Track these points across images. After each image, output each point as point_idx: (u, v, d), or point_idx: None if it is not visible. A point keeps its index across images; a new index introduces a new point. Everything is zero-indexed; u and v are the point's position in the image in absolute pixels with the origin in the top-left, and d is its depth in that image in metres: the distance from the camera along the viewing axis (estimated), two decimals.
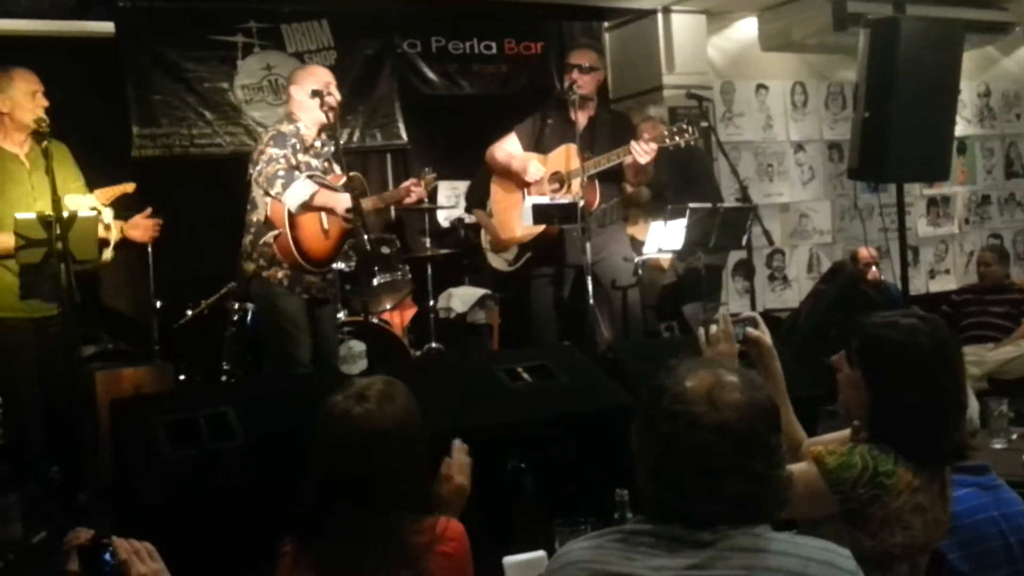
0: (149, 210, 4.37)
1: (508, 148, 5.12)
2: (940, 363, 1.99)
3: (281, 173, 4.16)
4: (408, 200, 4.65)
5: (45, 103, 4.05)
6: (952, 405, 1.98)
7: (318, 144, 4.46)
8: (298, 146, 4.31)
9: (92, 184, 4.35)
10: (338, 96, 4.42)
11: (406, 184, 4.66)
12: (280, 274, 4.31)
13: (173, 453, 2.88)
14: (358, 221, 4.20)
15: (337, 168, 4.51)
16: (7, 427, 4.20)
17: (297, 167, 4.27)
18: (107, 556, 1.74)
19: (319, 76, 4.45)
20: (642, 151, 4.66)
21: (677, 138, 4.74)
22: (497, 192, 5.23)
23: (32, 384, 4.02)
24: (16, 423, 4.11)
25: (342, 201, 4.24)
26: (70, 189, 4.05)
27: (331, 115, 4.36)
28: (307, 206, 4.21)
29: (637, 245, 5.34)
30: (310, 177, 4.26)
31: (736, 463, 1.42)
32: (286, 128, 4.33)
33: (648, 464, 1.47)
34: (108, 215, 4.20)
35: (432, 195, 6.43)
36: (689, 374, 1.49)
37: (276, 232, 4.25)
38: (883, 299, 6.05)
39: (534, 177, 4.98)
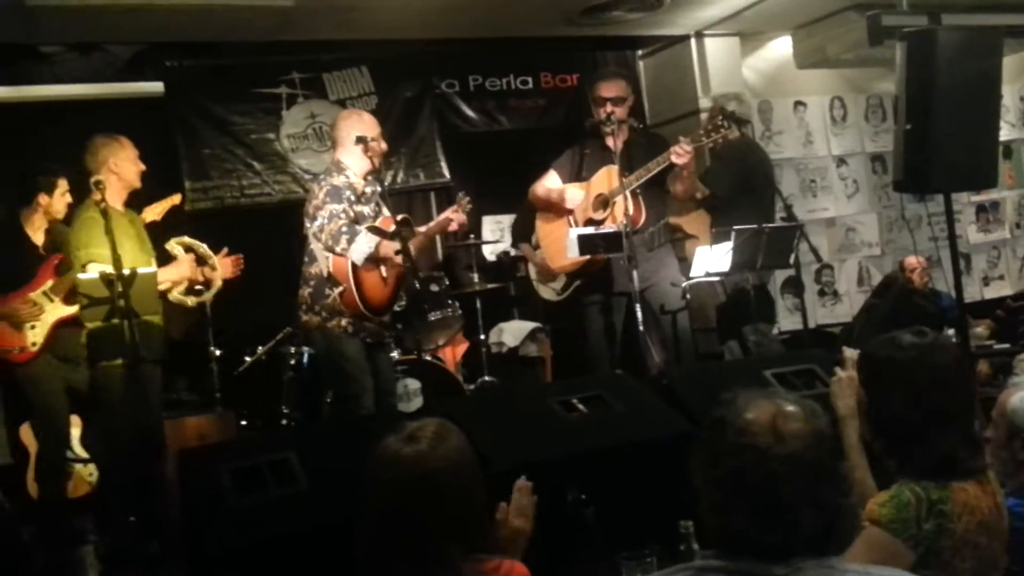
0: (226, 250, 4.55)
1: (548, 184, 5.18)
2: (929, 376, 2.00)
3: (345, 229, 4.26)
4: (451, 228, 4.68)
5: (143, 167, 4.36)
6: (939, 417, 1.99)
7: (368, 190, 4.55)
8: (352, 198, 4.40)
9: (154, 244, 4.51)
10: (384, 145, 4.51)
11: (445, 214, 4.70)
12: (344, 322, 4.40)
13: (239, 500, 2.92)
14: (407, 262, 4.27)
15: (386, 210, 4.59)
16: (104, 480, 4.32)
17: (356, 220, 4.36)
18: None
19: (365, 123, 4.53)
20: (680, 152, 4.68)
21: (714, 135, 4.75)
22: (543, 227, 5.28)
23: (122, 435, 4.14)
24: (115, 475, 4.24)
25: (394, 247, 4.31)
26: (143, 259, 4.24)
27: (376, 161, 4.46)
28: (371, 258, 4.30)
29: (688, 248, 5.31)
30: (369, 229, 4.35)
31: (807, 492, 1.42)
32: (338, 181, 4.40)
33: (716, 499, 1.48)
34: (212, 258, 4.38)
35: (477, 230, 6.52)
36: (749, 406, 1.49)
37: (341, 288, 4.34)
38: (936, 309, 5.98)
39: (574, 203, 5.02)
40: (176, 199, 4.73)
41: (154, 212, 4.64)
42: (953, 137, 4.41)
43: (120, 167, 4.30)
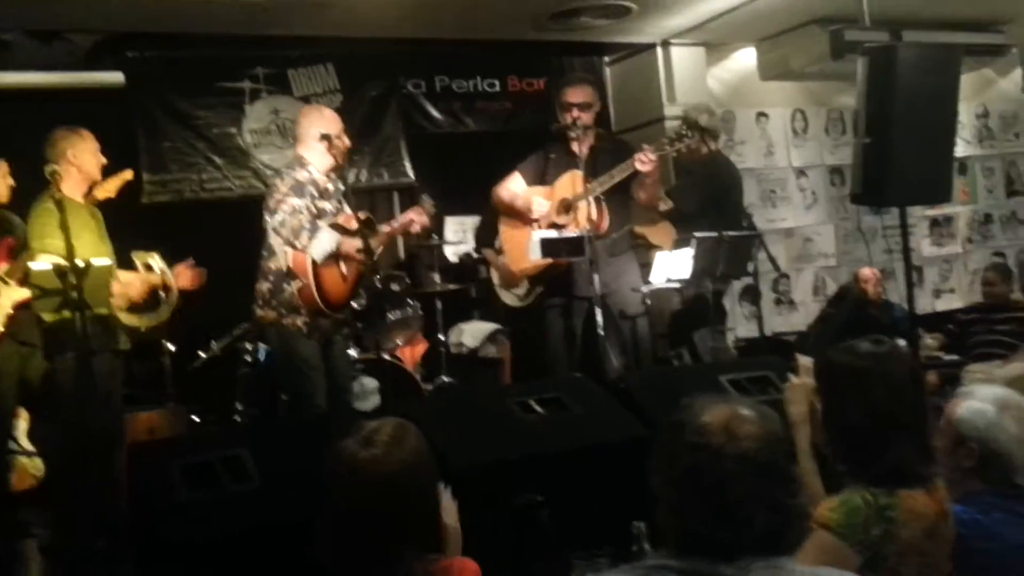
0: (191, 260, 4.47)
1: (512, 187, 5.18)
2: (884, 385, 2.04)
3: (307, 225, 4.24)
4: (413, 230, 4.66)
5: (104, 161, 4.29)
6: (893, 425, 2.03)
7: (330, 187, 4.52)
8: (315, 193, 4.38)
9: (108, 235, 4.44)
10: (347, 142, 4.49)
11: (408, 215, 4.67)
12: (299, 321, 4.37)
13: (190, 496, 2.90)
14: (369, 261, 4.25)
15: (347, 208, 4.57)
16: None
17: (318, 215, 4.34)
18: None
19: (327, 119, 4.51)
20: (644, 159, 4.72)
21: (677, 143, 4.79)
22: (506, 230, 5.28)
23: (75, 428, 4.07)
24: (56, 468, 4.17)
25: (356, 246, 4.29)
26: (102, 252, 4.17)
27: (339, 158, 4.44)
28: (331, 256, 4.27)
29: (651, 254, 5.35)
30: (331, 226, 4.32)
31: (757, 492, 1.45)
32: (301, 176, 4.38)
33: (671, 498, 1.50)
34: (166, 271, 4.29)
35: (439, 231, 6.51)
36: (705, 409, 1.52)
37: (300, 284, 4.31)
38: (889, 320, 6.08)
39: (539, 212, 5.03)
40: (128, 175, 4.63)
41: (105, 189, 4.56)
42: (910, 152, 4.49)
43: (79, 159, 4.23)
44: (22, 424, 4.78)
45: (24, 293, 3.96)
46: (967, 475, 2.21)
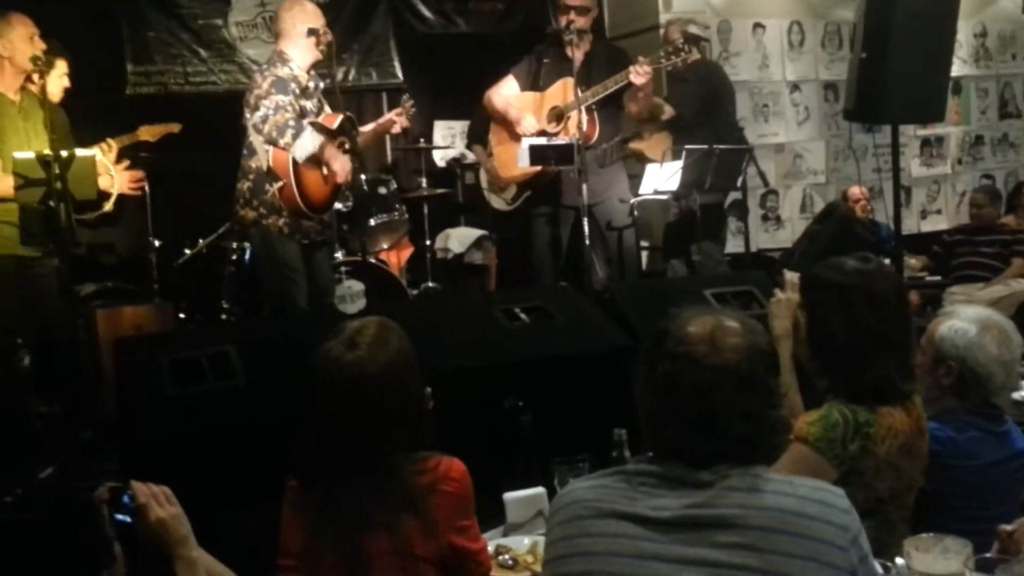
0: (127, 162, 4.43)
1: (505, 92, 5.10)
2: (870, 302, 2.06)
3: (292, 123, 4.14)
4: (393, 130, 4.62)
5: (43, 46, 4.02)
6: (877, 342, 2.05)
7: (311, 84, 4.43)
8: (297, 91, 4.29)
9: (91, 126, 4.36)
10: (330, 36, 4.37)
11: (388, 116, 4.62)
12: (280, 222, 4.33)
13: (176, 391, 2.92)
14: (355, 161, 4.20)
15: (328, 108, 4.49)
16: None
17: (300, 115, 4.26)
18: (125, 499, 1.76)
19: (310, 13, 4.37)
20: (639, 71, 4.66)
21: (674, 58, 4.72)
22: (496, 133, 5.23)
23: (15, 325, 4.04)
24: None
25: (340, 162, 4.21)
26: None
27: (324, 53, 4.34)
28: (313, 159, 4.20)
29: (642, 165, 5.33)
30: (312, 125, 4.25)
31: (736, 403, 1.47)
32: (283, 72, 4.28)
33: (650, 405, 1.53)
34: (108, 164, 4.21)
35: (428, 134, 6.44)
36: (692, 319, 1.53)
37: (281, 183, 4.25)
38: (875, 239, 6.11)
39: (527, 131, 4.96)
40: (175, 127, 4.61)
41: (150, 133, 4.50)
42: (906, 69, 4.45)
43: (9, 48, 3.97)
44: None
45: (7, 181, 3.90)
46: (945, 393, 2.25)
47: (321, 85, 4.50)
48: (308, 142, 4.17)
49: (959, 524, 1.82)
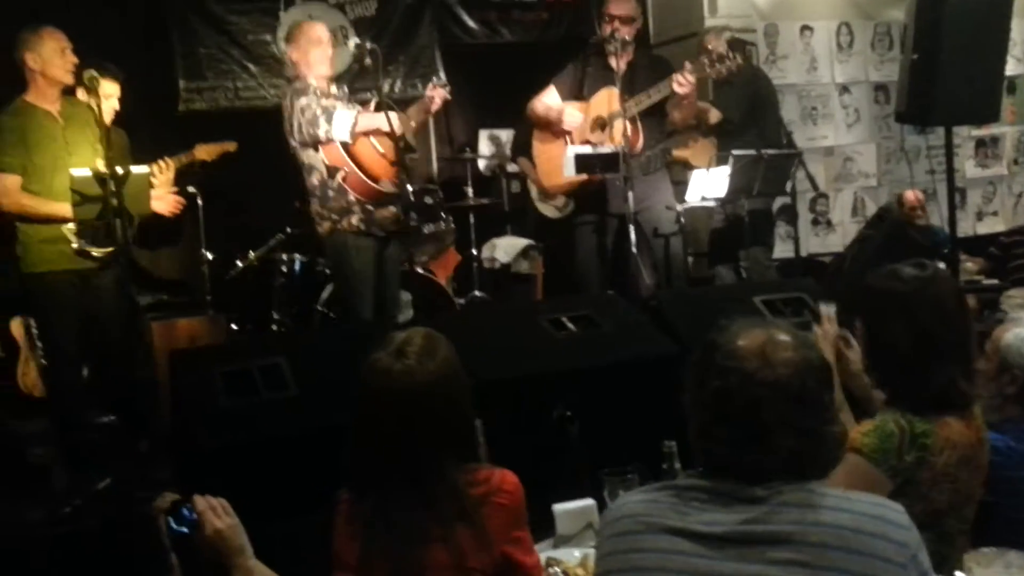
0: (175, 189, 4.54)
1: (547, 101, 5.11)
2: (930, 309, 2.02)
3: (319, 112, 4.25)
4: (435, 106, 4.56)
5: (75, 60, 4.05)
6: (939, 349, 2.01)
7: (334, 90, 4.53)
8: (318, 92, 4.39)
9: (144, 142, 4.45)
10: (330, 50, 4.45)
11: (426, 95, 4.53)
12: (355, 220, 4.41)
13: (229, 402, 2.96)
14: (406, 144, 4.28)
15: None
16: (49, 380, 4.32)
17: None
18: (185, 511, 1.81)
19: (316, 28, 4.50)
20: (682, 81, 4.64)
21: (718, 65, 4.68)
22: (539, 144, 5.22)
23: (75, 337, 4.12)
24: (59, 375, 4.23)
25: (381, 119, 4.27)
26: (69, 163, 4.03)
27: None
28: (354, 132, 4.28)
29: (687, 172, 5.29)
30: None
31: (788, 418, 1.44)
32: (299, 85, 4.41)
33: (701, 420, 1.50)
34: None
35: (473, 144, 6.47)
36: (742, 332, 1.50)
37: (343, 173, 4.32)
38: (929, 243, 6.00)
39: (571, 124, 4.96)
40: (231, 146, 4.73)
41: (207, 152, 4.60)
42: (959, 70, 4.37)
43: (40, 62, 3.99)
44: None
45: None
46: (1008, 402, 2.20)
47: (346, 91, 4.60)
48: (343, 117, 4.26)
49: (1022, 538, 1.77)
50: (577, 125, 4.97)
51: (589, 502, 2.37)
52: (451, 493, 1.86)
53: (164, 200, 4.45)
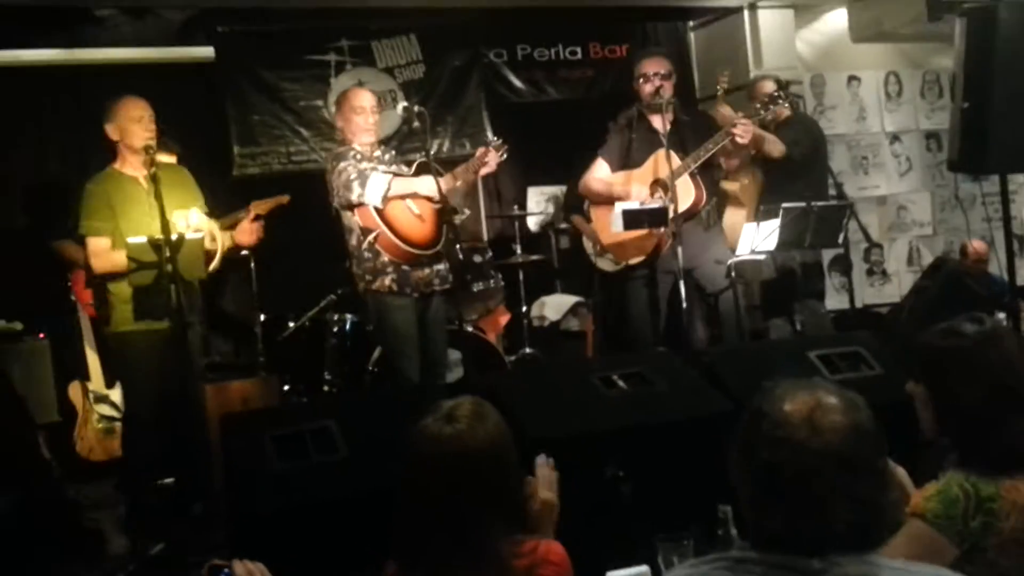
0: (252, 214, 4.58)
1: (598, 174, 5.08)
2: (993, 363, 1.97)
3: (354, 176, 4.34)
4: (486, 169, 4.55)
5: (152, 128, 4.13)
6: (1007, 403, 1.94)
7: (378, 153, 4.60)
8: (359, 157, 4.47)
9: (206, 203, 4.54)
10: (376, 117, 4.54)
11: (478, 154, 4.52)
12: (388, 280, 4.44)
13: (280, 466, 2.98)
14: (441, 200, 4.32)
15: (405, 167, 4.64)
16: (125, 440, 4.36)
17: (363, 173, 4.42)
18: (225, 575, 1.82)
19: (359, 95, 4.61)
20: (742, 132, 4.62)
21: (772, 107, 4.70)
22: (595, 210, 5.20)
23: (150, 398, 4.17)
24: (134, 436, 4.27)
25: (420, 183, 4.36)
26: (151, 228, 4.05)
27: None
28: (387, 196, 4.35)
29: (727, 220, 5.23)
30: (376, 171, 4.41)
31: (841, 487, 1.39)
32: (341, 149, 4.54)
33: (750, 492, 1.46)
34: (214, 227, 4.32)
35: (522, 201, 6.51)
36: (788, 397, 1.45)
37: (375, 234, 4.37)
38: (988, 293, 5.85)
39: (638, 198, 4.91)
40: (284, 199, 4.84)
41: (261, 207, 4.70)
42: (1011, 116, 4.30)
43: (119, 131, 4.08)
44: (116, 392, 4.98)
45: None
46: None
47: (394, 153, 4.67)
48: (377, 182, 4.33)
49: None
50: (645, 197, 4.93)
51: (643, 569, 2.32)
52: (497, 565, 1.83)
53: (245, 231, 4.43)
